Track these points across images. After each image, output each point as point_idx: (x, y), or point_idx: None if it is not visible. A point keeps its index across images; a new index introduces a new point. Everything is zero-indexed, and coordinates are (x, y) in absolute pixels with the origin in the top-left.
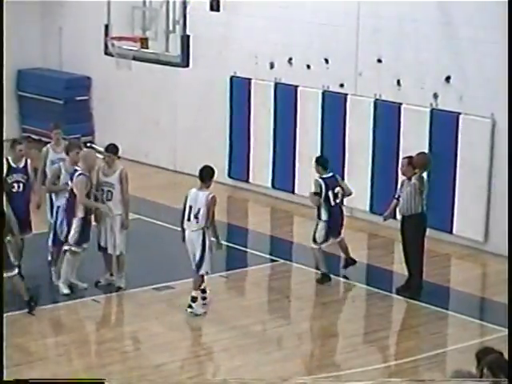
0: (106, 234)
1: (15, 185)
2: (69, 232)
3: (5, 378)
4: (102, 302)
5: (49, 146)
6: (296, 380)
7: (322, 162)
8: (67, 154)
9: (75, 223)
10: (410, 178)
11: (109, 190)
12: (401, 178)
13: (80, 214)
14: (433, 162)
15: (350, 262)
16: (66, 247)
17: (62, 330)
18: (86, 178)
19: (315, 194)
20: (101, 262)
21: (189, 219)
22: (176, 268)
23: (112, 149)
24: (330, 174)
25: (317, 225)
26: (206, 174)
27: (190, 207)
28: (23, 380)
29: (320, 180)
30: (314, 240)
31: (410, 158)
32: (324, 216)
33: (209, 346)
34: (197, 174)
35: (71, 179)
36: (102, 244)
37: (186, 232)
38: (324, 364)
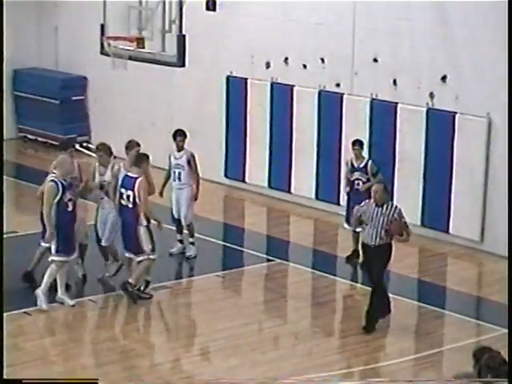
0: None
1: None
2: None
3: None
4: (99, 302)
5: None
6: (291, 380)
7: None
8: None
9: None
10: (381, 205)
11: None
12: (398, 181)
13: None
14: (429, 162)
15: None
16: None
17: (58, 330)
18: (55, 184)
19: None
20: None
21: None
22: (172, 268)
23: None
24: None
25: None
26: (185, 136)
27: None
28: (19, 380)
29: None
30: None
31: (384, 184)
32: None
33: (205, 346)
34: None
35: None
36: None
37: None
38: (320, 363)
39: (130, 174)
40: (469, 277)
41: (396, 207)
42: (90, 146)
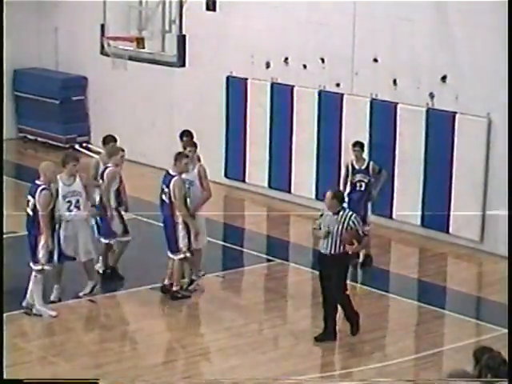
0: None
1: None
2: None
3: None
4: (98, 303)
5: (99, 157)
6: (292, 380)
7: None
8: (63, 166)
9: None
10: (337, 213)
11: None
12: (398, 181)
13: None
14: (429, 163)
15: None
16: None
17: (58, 330)
18: (48, 192)
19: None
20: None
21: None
22: None
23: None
24: None
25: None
26: (191, 137)
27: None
28: (19, 380)
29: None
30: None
31: (335, 191)
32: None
33: (205, 346)
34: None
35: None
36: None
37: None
38: (320, 363)
39: (170, 171)
40: (469, 277)
41: (351, 215)
42: (89, 146)
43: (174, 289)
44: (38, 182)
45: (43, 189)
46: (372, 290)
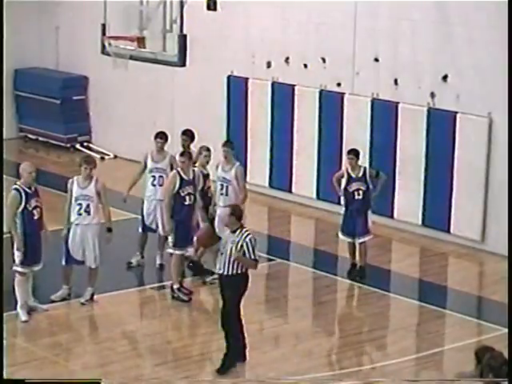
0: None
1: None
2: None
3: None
4: (100, 302)
5: (147, 153)
6: (292, 380)
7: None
8: (80, 166)
9: None
10: (234, 232)
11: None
12: (398, 181)
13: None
14: (429, 162)
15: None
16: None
17: (59, 330)
18: (17, 193)
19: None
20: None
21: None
22: None
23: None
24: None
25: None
26: (192, 136)
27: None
28: (20, 380)
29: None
30: None
31: (234, 207)
32: None
33: (206, 346)
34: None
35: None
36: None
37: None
38: (321, 363)
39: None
40: (470, 276)
41: (246, 236)
42: (90, 145)
43: (174, 287)
44: (17, 183)
45: (13, 189)
46: (373, 289)
